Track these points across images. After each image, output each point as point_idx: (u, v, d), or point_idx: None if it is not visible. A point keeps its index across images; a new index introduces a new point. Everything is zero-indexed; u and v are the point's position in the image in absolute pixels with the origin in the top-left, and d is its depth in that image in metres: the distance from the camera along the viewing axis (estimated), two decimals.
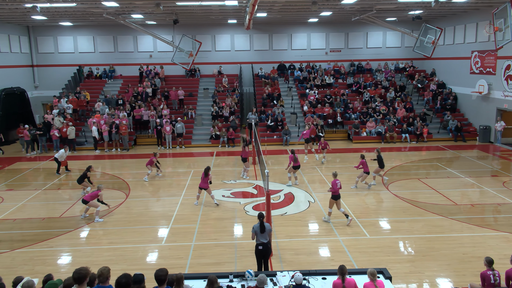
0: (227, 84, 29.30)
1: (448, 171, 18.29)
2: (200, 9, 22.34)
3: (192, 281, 7.21)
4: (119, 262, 10.14)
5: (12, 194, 15.92)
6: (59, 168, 18.65)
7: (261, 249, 8.87)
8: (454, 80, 27.73)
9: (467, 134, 24.94)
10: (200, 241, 11.43)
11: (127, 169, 19.72)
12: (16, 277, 6.85)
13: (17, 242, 11.58)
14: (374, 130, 25.03)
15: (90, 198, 13.00)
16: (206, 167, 14.35)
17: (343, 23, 30.08)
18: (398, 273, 9.35)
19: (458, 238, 11.40)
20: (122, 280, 5.70)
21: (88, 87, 28.80)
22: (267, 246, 8.90)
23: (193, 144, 24.74)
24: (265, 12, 23.76)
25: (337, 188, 12.17)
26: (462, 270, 9.55)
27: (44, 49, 30.13)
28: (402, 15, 26.27)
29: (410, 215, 13.12)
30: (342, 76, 30.31)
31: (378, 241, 11.23)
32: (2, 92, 25.81)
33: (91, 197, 13.01)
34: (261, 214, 9.13)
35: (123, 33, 29.66)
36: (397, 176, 17.44)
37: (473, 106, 25.68)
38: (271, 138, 24.81)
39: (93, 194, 13.05)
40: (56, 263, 10.37)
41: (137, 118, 25.23)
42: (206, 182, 14.07)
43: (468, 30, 25.78)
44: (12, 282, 6.80)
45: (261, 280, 6.71)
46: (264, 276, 6.78)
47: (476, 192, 15.44)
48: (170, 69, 29.54)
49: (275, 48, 31.01)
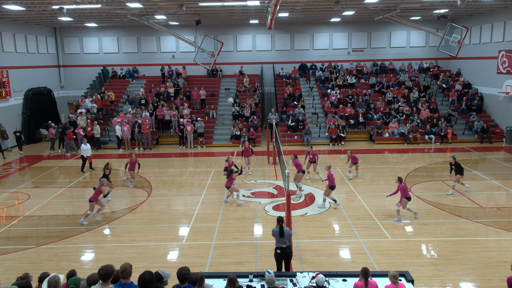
0: (248, 84, 29.36)
1: (473, 173, 17.88)
2: (222, 10, 22.46)
3: (212, 280, 7.24)
4: (141, 260, 10.29)
5: (38, 192, 16.33)
6: (83, 166, 19.03)
7: (279, 252, 8.79)
8: (480, 80, 27.10)
9: (494, 136, 24.32)
10: (220, 240, 11.49)
11: (149, 168, 19.98)
12: (42, 273, 7.01)
13: (43, 238, 11.88)
14: (397, 131, 24.67)
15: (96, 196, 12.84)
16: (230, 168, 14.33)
17: (366, 22, 29.76)
18: (421, 276, 9.19)
19: (483, 242, 11.14)
20: (146, 277, 5.79)
21: (112, 87, 29.31)
22: (285, 251, 8.77)
23: (214, 144, 24.89)
24: (287, 12, 23.71)
25: (333, 179, 13.56)
26: (488, 275, 9.32)
27: (70, 50, 30.83)
28: (426, 14, 25.81)
29: (434, 217, 12.88)
30: (365, 76, 29.98)
31: (400, 243, 11.07)
32: (29, 91, 26.56)
33: (96, 194, 12.85)
34: (280, 219, 8.96)
35: (146, 33, 30.10)
36: (420, 178, 17.14)
37: (500, 107, 25.03)
38: (292, 138, 24.74)
39: (97, 191, 12.88)
40: (80, 260, 10.59)
41: (160, 117, 25.55)
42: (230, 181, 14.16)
43: (495, 29, 25.15)
44: (38, 278, 6.97)
45: (270, 280, 6.68)
46: (273, 275, 6.73)
47: (502, 195, 15.05)
48: (192, 69, 29.78)
49: (296, 48, 30.92)
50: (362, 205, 14.05)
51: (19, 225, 12.97)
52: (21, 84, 26.20)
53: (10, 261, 10.37)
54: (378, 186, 16.00)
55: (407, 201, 12.48)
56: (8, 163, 21.45)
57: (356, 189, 15.80)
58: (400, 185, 12.54)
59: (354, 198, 14.86)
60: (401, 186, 12.49)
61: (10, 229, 12.61)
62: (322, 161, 20.36)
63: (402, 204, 12.55)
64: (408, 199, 12.45)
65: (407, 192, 12.52)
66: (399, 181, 12.61)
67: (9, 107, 24.98)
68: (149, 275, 5.82)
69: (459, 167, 14.76)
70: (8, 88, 24.89)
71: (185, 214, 13.58)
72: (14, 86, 25.47)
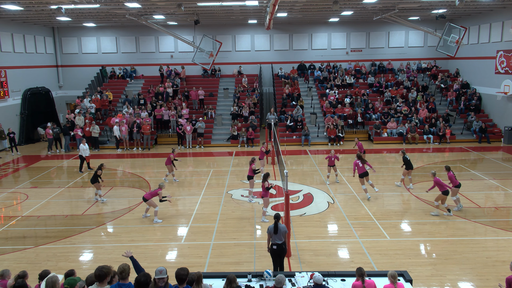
0: (247, 84, 29.36)
1: (471, 173, 17.91)
2: (220, 10, 22.45)
3: (211, 280, 7.24)
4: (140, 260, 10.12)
5: (36, 192, 16.30)
6: (81, 166, 19.00)
7: (275, 249, 8.89)
8: (479, 80, 27.14)
9: (492, 136, 24.36)
10: (219, 240, 11.48)
11: (148, 168, 19.96)
12: (43, 270, 6.99)
13: (41, 239, 11.86)
14: (395, 130, 24.70)
15: (150, 196, 12.85)
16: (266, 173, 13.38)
17: (365, 22, 29.79)
18: (419, 276, 9.20)
19: (481, 241, 11.16)
20: (141, 279, 5.75)
21: (111, 87, 29.26)
22: (281, 247, 8.88)
23: (213, 144, 24.88)
24: (286, 12, 23.71)
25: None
26: (486, 274, 9.33)
27: (68, 50, 30.78)
28: (425, 14, 25.85)
29: (432, 217, 12.89)
30: (363, 76, 30.01)
31: (399, 243, 11.08)
32: (27, 91, 26.51)
33: (151, 195, 12.85)
34: (277, 215, 9.07)
35: (145, 33, 30.07)
36: (419, 178, 17.16)
37: (498, 106, 25.08)
38: (291, 138, 24.74)
39: (153, 192, 12.88)
40: (79, 260, 10.58)
41: (158, 117, 25.53)
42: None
43: (493, 29, 25.19)
44: (39, 275, 6.95)
45: (279, 280, 6.68)
46: (283, 276, 6.75)
47: (500, 195, 15.08)
48: (191, 69, 29.78)
49: (295, 48, 30.93)
50: (361, 205, 14.06)
51: (17, 225, 12.94)
52: (19, 84, 26.14)
53: (8, 261, 10.34)
54: (377, 186, 15.98)
55: (457, 189, 13.09)
56: (6, 163, 21.41)
57: (355, 188, 15.80)
58: (448, 173, 13.12)
59: (352, 197, 14.87)
60: (450, 175, 13.05)
61: (8, 229, 12.58)
62: (321, 160, 20.37)
63: (452, 192, 13.06)
64: (458, 186, 13.03)
65: (455, 180, 13.04)
66: (447, 170, 13.23)
67: (7, 107, 24.92)
68: (145, 278, 5.77)
69: (408, 163, 15.46)
70: (6, 88, 24.84)
71: (183, 214, 13.57)
72: (12, 86, 25.41)
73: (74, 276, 6.83)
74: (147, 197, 12.84)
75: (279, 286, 6.69)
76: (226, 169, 19.20)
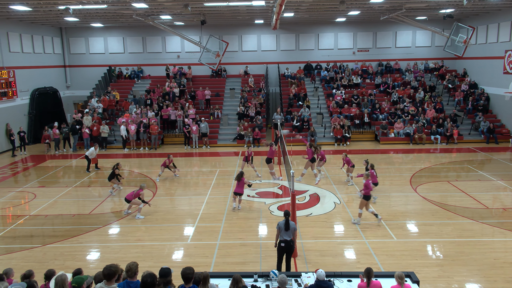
0: (253, 84, 29.37)
1: (479, 173, 17.79)
2: (227, 10, 22.48)
3: (217, 280, 7.24)
4: (146, 259, 10.31)
5: (44, 191, 16.42)
6: (89, 166, 19.11)
7: (283, 246, 8.93)
8: (487, 80, 26.94)
9: (500, 136, 24.16)
10: (225, 240, 11.49)
11: (155, 167, 20.01)
12: (48, 270, 7.05)
13: (49, 238, 11.94)
14: (402, 131, 24.58)
15: (132, 197, 13.16)
16: (239, 172, 14.11)
17: (371, 22, 29.68)
18: (426, 277, 9.15)
19: (489, 242, 11.08)
20: (147, 280, 5.69)
21: (118, 87, 29.41)
22: (289, 244, 8.93)
23: (219, 144, 24.90)
24: (292, 12, 23.68)
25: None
26: (494, 276, 9.26)
27: (76, 50, 30.97)
28: (432, 13, 25.68)
29: (439, 218, 12.82)
30: (370, 76, 29.90)
31: (406, 244, 11.02)
32: (35, 91, 26.71)
33: (133, 196, 13.16)
34: (288, 212, 9.22)
35: (151, 34, 30.18)
36: (426, 179, 17.07)
37: (506, 107, 24.86)
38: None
39: (136, 193, 13.18)
40: (86, 259, 10.64)
41: (165, 117, 25.61)
42: (240, 187, 13.78)
43: (502, 29, 24.98)
44: (44, 274, 7.00)
45: (282, 281, 6.65)
46: (285, 276, 6.70)
47: (508, 196, 14.95)
48: (197, 69, 29.84)
49: (301, 48, 30.88)
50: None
51: (25, 224, 13.05)
52: (27, 84, 26.35)
53: (16, 260, 10.43)
54: (384, 186, 15.93)
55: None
56: (14, 162, 21.59)
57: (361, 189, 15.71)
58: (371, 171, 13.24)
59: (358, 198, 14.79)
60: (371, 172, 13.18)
61: (16, 228, 12.69)
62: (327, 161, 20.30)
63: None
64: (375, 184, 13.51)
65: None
66: (372, 168, 13.36)
67: (15, 107, 25.12)
68: (151, 278, 5.71)
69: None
70: (15, 88, 25.04)
71: (190, 214, 13.60)
72: (20, 86, 25.61)
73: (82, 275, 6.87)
74: (129, 198, 13.12)
75: (283, 287, 6.67)
76: (232, 169, 19.22)
